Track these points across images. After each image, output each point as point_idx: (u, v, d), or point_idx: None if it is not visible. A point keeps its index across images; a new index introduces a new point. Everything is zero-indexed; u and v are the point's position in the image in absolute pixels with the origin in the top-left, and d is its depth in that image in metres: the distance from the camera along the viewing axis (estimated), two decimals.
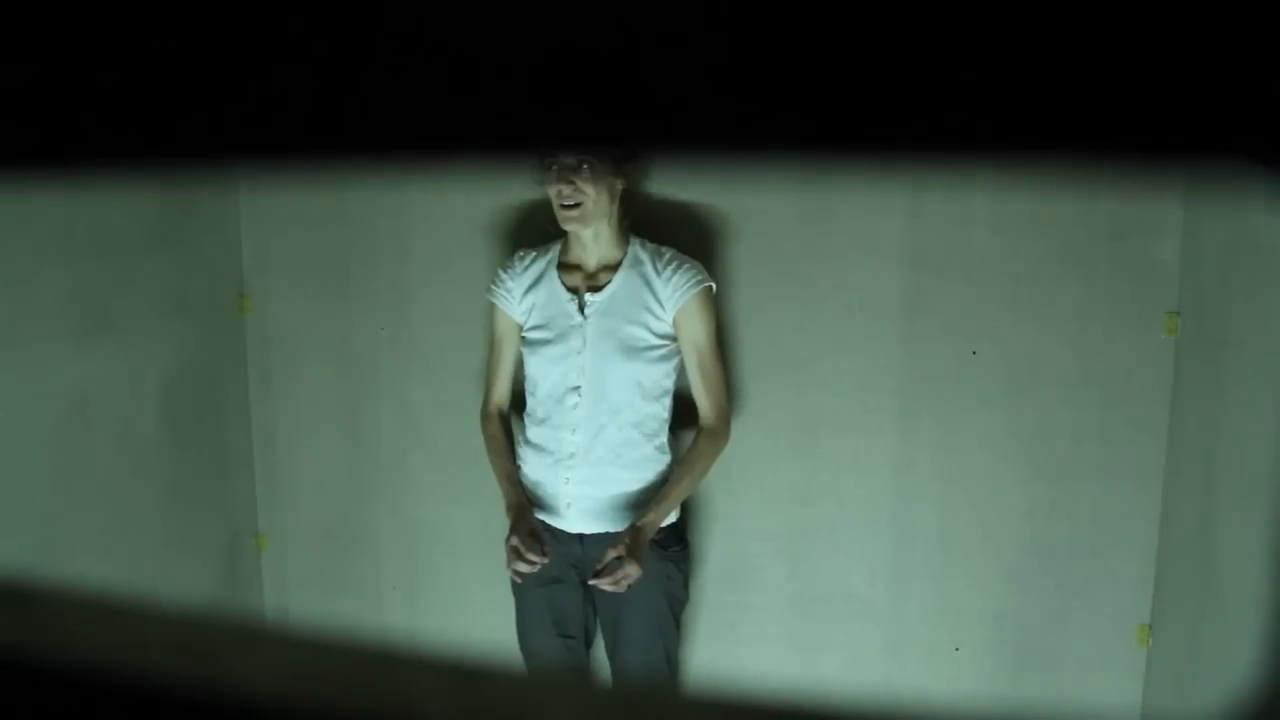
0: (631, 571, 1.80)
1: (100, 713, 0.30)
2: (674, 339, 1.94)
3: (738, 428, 2.03)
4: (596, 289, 1.94)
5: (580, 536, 1.96)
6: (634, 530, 1.85)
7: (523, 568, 1.85)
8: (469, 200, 2.25)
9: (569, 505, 1.96)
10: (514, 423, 2.10)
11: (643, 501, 1.93)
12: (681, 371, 1.98)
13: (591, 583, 1.84)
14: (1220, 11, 0.22)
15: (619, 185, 1.91)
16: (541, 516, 1.97)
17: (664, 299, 1.92)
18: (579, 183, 1.84)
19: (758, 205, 2.09)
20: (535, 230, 2.09)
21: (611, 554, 1.82)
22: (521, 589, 2.00)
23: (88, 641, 0.32)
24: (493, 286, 2.04)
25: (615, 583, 1.80)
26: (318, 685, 0.29)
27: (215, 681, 0.29)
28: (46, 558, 1.91)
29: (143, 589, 0.35)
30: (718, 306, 2.00)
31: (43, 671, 0.31)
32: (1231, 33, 0.22)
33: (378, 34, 0.27)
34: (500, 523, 1.96)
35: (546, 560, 1.86)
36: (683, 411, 2.01)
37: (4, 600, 0.34)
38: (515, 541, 1.85)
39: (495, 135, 0.28)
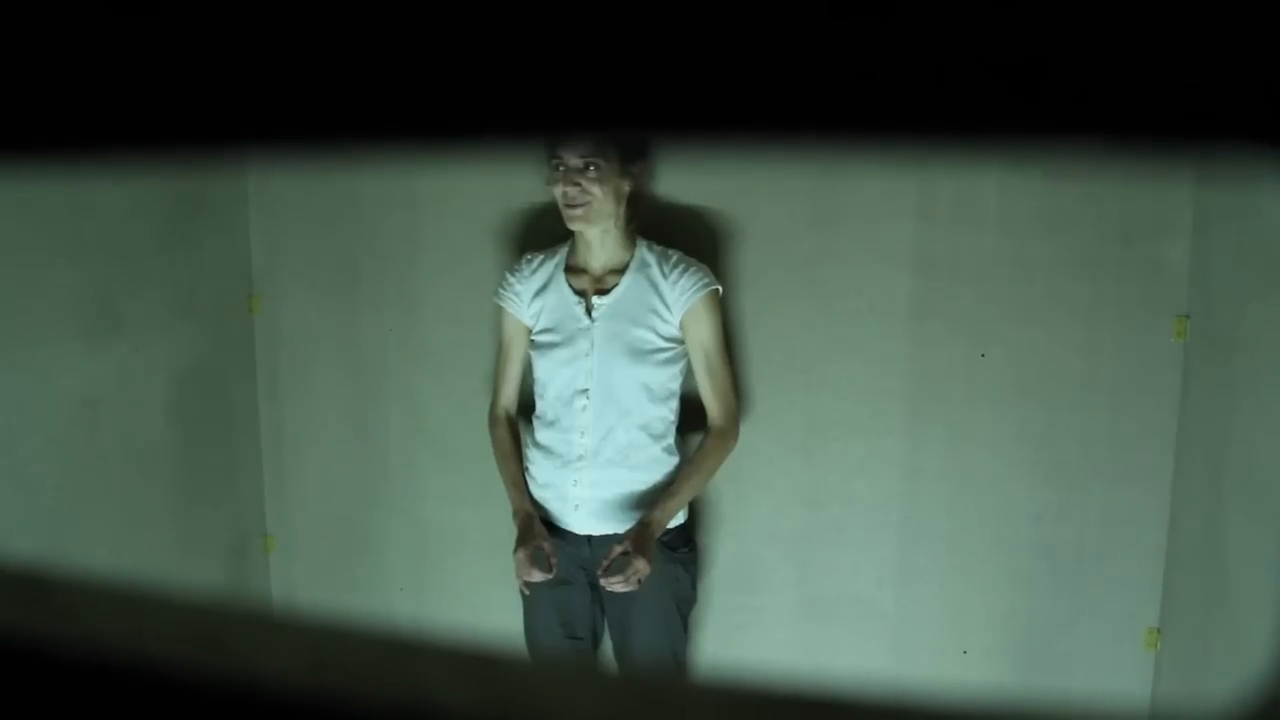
0: (640, 566, 1.80)
1: (118, 701, 0.31)
2: (681, 342, 1.94)
3: (746, 430, 2.03)
4: (603, 292, 1.94)
5: (589, 538, 1.96)
6: (641, 526, 1.85)
7: (533, 577, 1.86)
8: (477, 202, 2.25)
9: (577, 507, 1.96)
10: (522, 425, 2.11)
11: (651, 503, 1.92)
12: (690, 374, 1.98)
13: (602, 581, 1.83)
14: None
15: (625, 187, 1.90)
16: (550, 518, 1.98)
17: (671, 302, 1.92)
18: (584, 184, 1.84)
19: (766, 207, 2.09)
20: (543, 232, 2.09)
21: (618, 550, 1.81)
22: (530, 590, 2.00)
23: (105, 630, 0.32)
24: (500, 290, 2.04)
25: (626, 580, 1.80)
26: (335, 673, 0.29)
27: (233, 669, 0.29)
28: (55, 557, 1.91)
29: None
30: (725, 309, 2.00)
31: (60, 659, 0.31)
32: (1242, 19, 0.22)
33: (386, 20, 0.27)
34: (508, 523, 1.96)
35: (552, 575, 1.87)
36: (692, 414, 2.00)
37: (22, 589, 0.34)
38: (523, 555, 1.86)
39: (505, 124, 0.28)
